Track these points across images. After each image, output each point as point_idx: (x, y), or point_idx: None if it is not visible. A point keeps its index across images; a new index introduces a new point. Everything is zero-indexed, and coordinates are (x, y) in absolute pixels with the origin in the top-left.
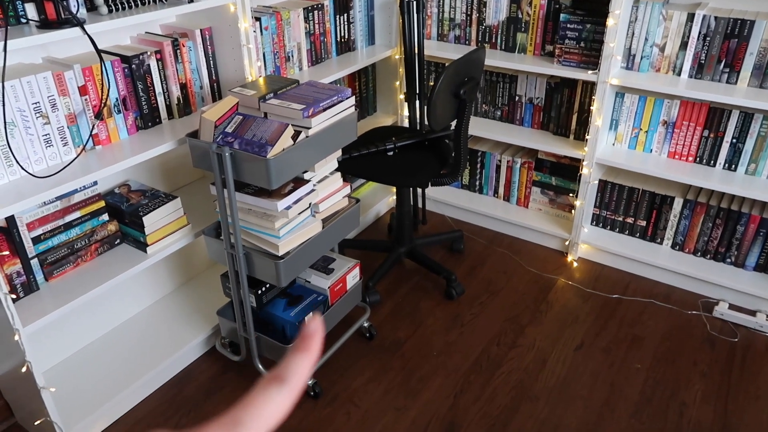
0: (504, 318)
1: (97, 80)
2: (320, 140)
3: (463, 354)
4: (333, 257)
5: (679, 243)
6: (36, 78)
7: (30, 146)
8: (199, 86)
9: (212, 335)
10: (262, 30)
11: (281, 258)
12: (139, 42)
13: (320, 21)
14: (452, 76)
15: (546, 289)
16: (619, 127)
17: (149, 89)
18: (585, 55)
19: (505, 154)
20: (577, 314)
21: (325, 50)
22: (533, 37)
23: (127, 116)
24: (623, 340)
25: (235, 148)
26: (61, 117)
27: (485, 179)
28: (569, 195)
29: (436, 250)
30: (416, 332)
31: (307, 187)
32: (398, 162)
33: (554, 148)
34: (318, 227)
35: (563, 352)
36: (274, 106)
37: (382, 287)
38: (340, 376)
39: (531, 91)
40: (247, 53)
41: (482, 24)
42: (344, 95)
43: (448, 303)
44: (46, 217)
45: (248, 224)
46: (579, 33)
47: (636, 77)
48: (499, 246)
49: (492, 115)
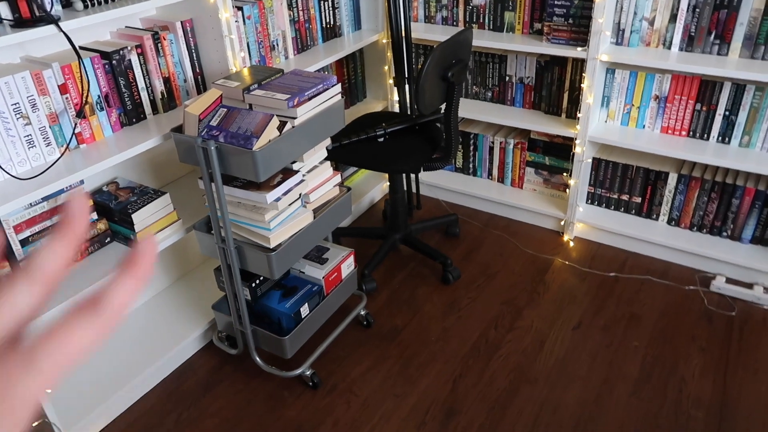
0: (501, 301)
1: (77, 78)
2: (307, 130)
3: (461, 339)
4: (327, 246)
5: (675, 218)
6: (14, 78)
7: (12, 148)
8: (183, 79)
9: (209, 329)
10: (245, 19)
11: (273, 250)
12: (119, 37)
13: (304, 8)
14: (439, 59)
15: (543, 270)
16: (611, 104)
17: (131, 85)
18: (574, 32)
19: (498, 136)
20: (575, 294)
21: (310, 37)
22: (521, 16)
23: (111, 113)
24: (621, 318)
25: (221, 141)
26: (42, 117)
27: (479, 161)
28: (563, 174)
29: (432, 235)
30: (414, 319)
31: (296, 178)
32: (389, 148)
33: (546, 127)
34: (309, 218)
35: (561, 333)
36: (258, 97)
37: (378, 275)
38: (338, 366)
39: (521, 71)
40: (230, 44)
41: (469, 4)
42: (330, 83)
43: (445, 288)
44: (33, 219)
45: (238, 217)
46: (567, 9)
47: (626, 52)
48: (494, 228)
49: (483, 97)
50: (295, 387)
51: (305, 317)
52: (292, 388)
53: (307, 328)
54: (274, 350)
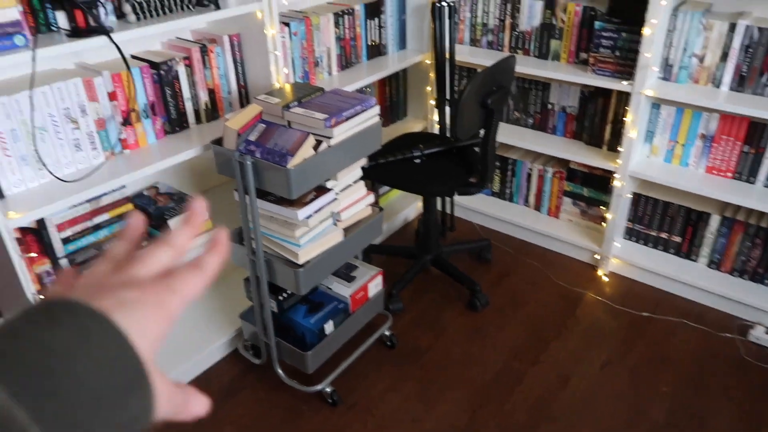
0: (528, 332)
1: (126, 86)
2: (343, 150)
3: (484, 367)
4: (356, 265)
5: (716, 261)
6: (66, 84)
7: (60, 150)
8: (227, 91)
9: (236, 337)
10: (291, 35)
11: (301, 266)
12: (169, 48)
13: (350, 26)
14: (479, 85)
15: (573, 303)
16: (655, 140)
17: (177, 94)
18: (620, 65)
19: (537, 163)
20: (605, 331)
21: (355, 55)
22: (567, 45)
23: (155, 121)
24: (651, 360)
25: (257, 156)
26: (91, 122)
27: (516, 187)
28: (601, 207)
29: (463, 258)
30: (437, 342)
31: (328, 196)
32: (425, 170)
33: (586, 158)
34: (339, 236)
35: (588, 371)
36: (297, 114)
37: (406, 294)
38: (358, 384)
39: (564, 100)
40: (274, 60)
41: (515, 30)
42: (368, 104)
43: (472, 314)
44: (75, 219)
45: (270, 231)
46: (614, 41)
47: (673, 88)
48: (527, 256)
49: (524, 123)
50: (314, 402)
51: (329, 334)
52: (311, 402)
53: (330, 344)
54: (297, 364)
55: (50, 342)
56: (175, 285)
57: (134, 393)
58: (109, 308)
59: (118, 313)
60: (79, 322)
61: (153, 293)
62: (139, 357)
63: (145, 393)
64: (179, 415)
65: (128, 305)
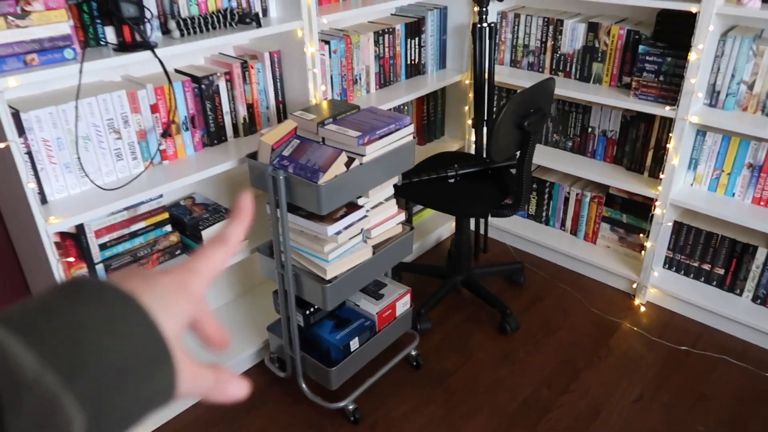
0: (559, 359)
1: (168, 99)
2: (375, 168)
3: (512, 393)
4: (385, 282)
5: (761, 296)
6: (111, 96)
7: (102, 159)
8: (266, 107)
9: (263, 349)
10: (331, 53)
11: (328, 282)
12: (212, 63)
13: (390, 45)
14: (517, 106)
15: (608, 332)
16: (699, 167)
17: (217, 108)
18: (664, 90)
19: (575, 187)
20: (639, 363)
21: (394, 73)
22: (610, 68)
23: (195, 133)
24: (688, 397)
25: (290, 171)
26: (132, 133)
27: (552, 211)
28: (640, 234)
29: (495, 280)
30: (465, 365)
31: (359, 213)
32: (459, 190)
33: (626, 184)
34: (368, 253)
35: (619, 404)
36: (331, 131)
37: (435, 315)
38: (381, 403)
39: (605, 124)
40: (312, 77)
41: (557, 52)
42: (402, 123)
43: (501, 338)
44: (113, 226)
45: (299, 245)
46: (658, 66)
47: (720, 116)
48: (561, 282)
49: (563, 146)
50: (336, 418)
51: (354, 351)
52: (333, 418)
53: (355, 361)
54: (320, 380)
55: (80, 317)
56: (195, 266)
57: (158, 369)
58: (137, 290)
59: (145, 296)
60: (107, 301)
61: (177, 276)
62: (163, 335)
63: (168, 370)
64: (216, 396)
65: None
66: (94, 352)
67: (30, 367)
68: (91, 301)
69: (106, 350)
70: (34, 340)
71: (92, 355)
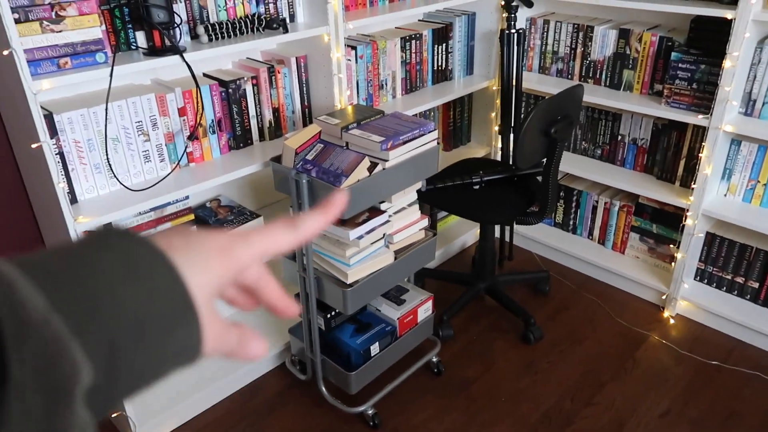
0: (583, 371)
1: (195, 103)
2: (398, 173)
3: (534, 404)
4: (407, 288)
5: None
6: (140, 99)
7: (130, 161)
8: (291, 111)
9: (284, 351)
10: (357, 58)
11: (349, 286)
12: (239, 67)
13: (417, 50)
14: (543, 113)
15: (634, 344)
16: (733, 178)
17: (243, 112)
18: (697, 98)
19: (603, 195)
20: (667, 377)
21: (420, 79)
22: (641, 75)
23: (221, 137)
24: (718, 414)
25: (312, 175)
26: (161, 135)
27: (580, 219)
28: (671, 245)
29: (519, 288)
30: (486, 373)
31: (381, 218)
32: (483, 197)
33: (657, 193)
34: (390, 258)
35: (645, 418)
36: (354, 136)
37: (457, 322)
38: (401, 409)
39: (635, 132)
40: (338, 82)
41: (587, 58)
42: (426, 129)
43: (525, 347)
44: (140, 226)
45: (321, 249)
46: (692, 73)
47: (755, 125)
48: (587, 292)
49: (591, 154)
50: (355, 423)
51: (374, 356)
52: (352, 423)
53: (375, 366)
54: (340, 384)
55: (100, 264)
56: (249, 235)
57: (181, 326)
58: (172, 248)
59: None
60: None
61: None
62: (188, 291)
63: (193, 327)
64: (235, 355)
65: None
66: (107, 299)
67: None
68: (114, 251)
69: (122, 301)
70: (45, 283)
71: (105, 302)
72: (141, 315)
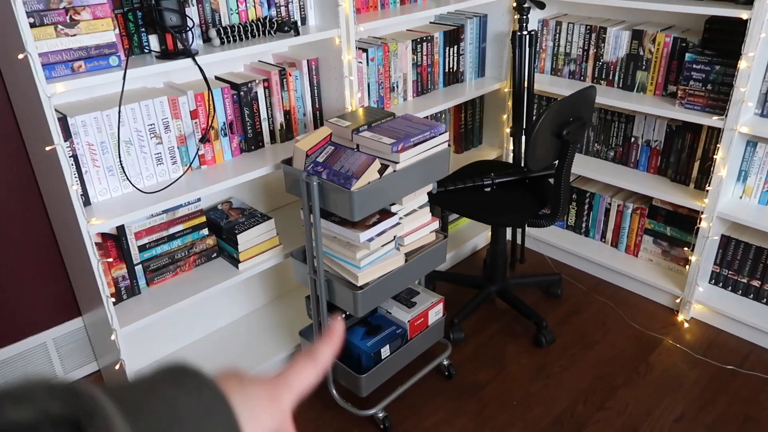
0: (596, 375)
1: (207, 105)
2: (408, 175)
3: (545, 408)
4: (418, 290)
5: None
6: (153, 102)
7: (143, 163)
8: (303, 113)
9: (295, 353)
10: (368, 61)
11: (360, 288)
12: (251, 70)
13: (429, 53)
14: (555, 115)
15: (648, 348)
16: (749, 180)
17: (255, 115)
18: (711, 99)
19: (616, 198)
20: (681, 382)
21: (431, 81)
22: (655, 76)
23: (233, 139)
24: (733, 419)
25: (323, 177)
26: (173, 138)
27: (592, 222)
28: (685, 248)
29: (531, 291)
30: (498, 377)
31: (392, 220)
32: (495, 199)
33: (671, 196)
34: (400, 261)
35: (659, 422)
36: (365, 138)
37: (468, 325)
38: (412, 412)
39: (649, 133)
40: (348, 84)
41: (599, 60)
42: (437, 131)
43: (536, 350)
44: (152, 228)
45: (332, 251)
46: (706, 74)
47: None
48: (600, 295)
49: (604, 156)
50: (366, 426)
51: (385, 358)
52: (363, 426)
53: (385, 369)
54: (351, 386)
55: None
56: (289, 380)
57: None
58: (231, 392)
59: (237, 400)
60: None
61: (271, 388)
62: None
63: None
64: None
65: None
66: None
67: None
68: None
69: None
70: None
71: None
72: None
